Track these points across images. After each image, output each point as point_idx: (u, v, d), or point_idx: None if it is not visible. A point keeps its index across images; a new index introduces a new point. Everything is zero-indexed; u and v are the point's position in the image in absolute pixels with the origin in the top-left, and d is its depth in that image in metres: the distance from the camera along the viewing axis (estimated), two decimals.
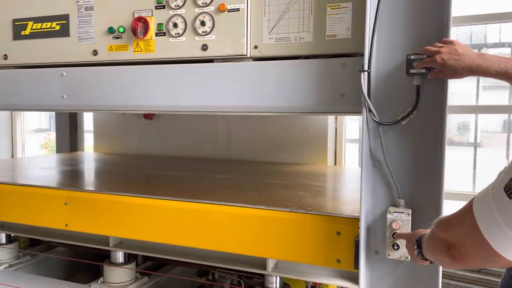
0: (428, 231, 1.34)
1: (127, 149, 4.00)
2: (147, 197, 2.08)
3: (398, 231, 1.52)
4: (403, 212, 1.52)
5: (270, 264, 2.01)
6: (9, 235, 2.90)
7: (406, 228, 1.52)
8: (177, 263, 2.88)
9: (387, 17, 1.54)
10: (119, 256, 2.50)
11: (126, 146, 3.99)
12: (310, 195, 2.24)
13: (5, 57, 2.32)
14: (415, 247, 1.37)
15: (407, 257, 1.52)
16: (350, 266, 1.69)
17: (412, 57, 1.50)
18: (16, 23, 2.27)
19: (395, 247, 1.52)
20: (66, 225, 2.24)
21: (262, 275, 2.40)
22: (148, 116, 3.85)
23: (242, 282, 2.60)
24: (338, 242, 1.71)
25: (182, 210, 1.99)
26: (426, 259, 1.35)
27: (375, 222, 1.60)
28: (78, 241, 2.50)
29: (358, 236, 1.65)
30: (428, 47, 1.46)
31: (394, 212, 1.53)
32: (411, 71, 1.50)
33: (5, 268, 2.75)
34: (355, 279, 1.82)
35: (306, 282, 2.74)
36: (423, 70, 1.48)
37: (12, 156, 5.27)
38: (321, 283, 2.72)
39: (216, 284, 2.65)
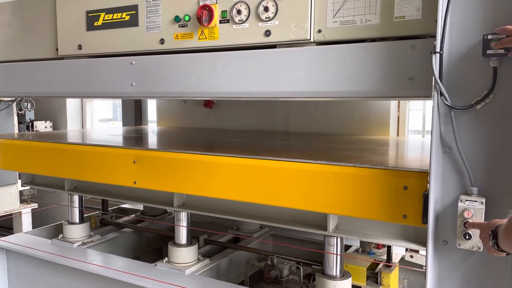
0: (505, 221, 1.28)
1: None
2: (211, 154, 2.13)
3: (470, 220, 1.45)
4: (476, 201, 1.45)
5: (331, 225, 2.01)
6: (82, 216, 3.11)
7: (479, 218, 1.44)
8: (237, 247, 2.96)
9: None
10: (183, 238, 2.61)
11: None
12: (374, 155, 2.18)
13: (80, 47, 2.47)
14: (491, 238, 1.30)
15: (479, 247, 1.45)
16: (417, 221, 1.63)
17: (489, 37, 1.41)
18: (89, 15, 2.40)
19: (467, 237, 1.45)
20: (135, 182, 2.35)
21: (321, 263, 2.40)
22: (208, 105, 3.94)
23: (300, 268, 2.62)
24: (405, 197, 1.65)
25: (244, 167, 2.02)
26: (502, 251, 1.28)
27: (445, 211, 1.54)
28: (144, 202, 2.63)
29: (427, 190, 1.57)
30: (507, 26, 1.37)
31: (466, 200, 1.46)
32: (488, 52, 1.41)
33: (78, 245, 2.95)
34: (420, 240, 1.78)
35: (368, 244, 2.72)
36: (502, 51, 1.39)
37: None
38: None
39: (274, 269, 2.69)
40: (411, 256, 2.53)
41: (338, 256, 2.20)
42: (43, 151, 2.74)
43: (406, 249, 2.63)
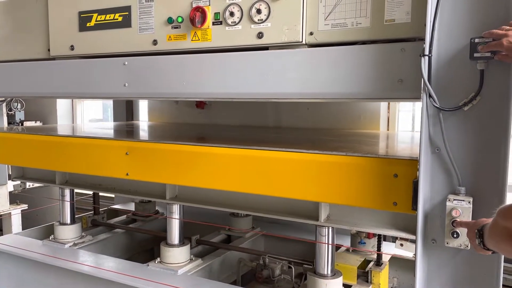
0: (490, 220, 1.31)
1: None
2: (204, 145, 2.14)
3: (458, 219, 1.48)
4: (463, 200, 1.49)
5: (323, 215, 2.04)
6: (73, 217, 3.10)
7: (467, 217, 1.48)
8: (229, 247, 2.97)
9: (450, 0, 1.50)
10: (175, 238, 2.61)
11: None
12: (365, 145, 2.22)
13: (72, 47, 2.47)
14: (477, 237, 1.34)
15: (467, 246, 1.49)
16: (407, 208, 1.66)
17: (476, 40, 1.45)
18: (82, 15, 2.40)
19: (455, 235, 1.49)
20: (127, 174, 2.34)
21: (312, 262, 2.43)
22: (199, 106, 3.94)
23: (292, 268, 2.64)
24: (395, 184, 1.68)
25: (236, 157, 2.03)
26: (488, 249, 1.32)
27: (433, 210, 1.58)
28: (136, 195, 2.63)
29: (416, 177, 1.61)
30: (494, 30, 1.41)
31: (454, 199, 1.50)
32: (475, 55, 1.45)
33: (69, 246, 2.94)
34: (409, 229, 1.82)
35: (359, 233, 2.75)
36: (488, 54, 1.43)
37: None
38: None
39: (266, 269, 2.71)
40: (401, 245, 2.54)
41: (330, 254, 2.22)
42: (34, 143, 2.71)
43: (396, 239, 2.65)
